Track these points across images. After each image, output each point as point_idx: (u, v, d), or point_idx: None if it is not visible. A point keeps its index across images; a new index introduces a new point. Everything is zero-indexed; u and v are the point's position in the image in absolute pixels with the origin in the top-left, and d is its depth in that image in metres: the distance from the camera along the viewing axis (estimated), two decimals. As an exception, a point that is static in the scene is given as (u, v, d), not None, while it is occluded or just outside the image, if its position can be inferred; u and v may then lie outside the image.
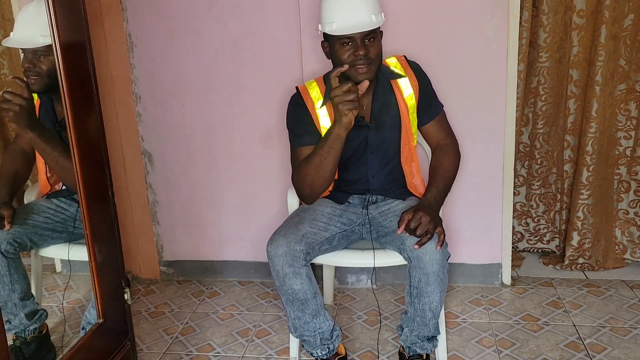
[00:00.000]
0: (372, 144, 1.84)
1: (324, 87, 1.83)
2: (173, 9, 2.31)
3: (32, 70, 1.63)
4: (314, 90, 1.84)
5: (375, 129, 1.82)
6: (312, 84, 1.86)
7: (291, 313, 1.75)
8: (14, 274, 1.73)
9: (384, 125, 1.83)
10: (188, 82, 2.38)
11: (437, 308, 1.70)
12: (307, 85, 1.87)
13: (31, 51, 1.62)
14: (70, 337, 1.99)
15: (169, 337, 2.17)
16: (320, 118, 1.81)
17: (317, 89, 1.84)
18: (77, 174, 1.46)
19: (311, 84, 1.86)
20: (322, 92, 1.83)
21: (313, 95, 1.83)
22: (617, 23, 2.28)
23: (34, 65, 1.62)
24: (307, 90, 1.85)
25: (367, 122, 1.82)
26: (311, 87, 1.85)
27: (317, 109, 1.82)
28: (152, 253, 2.63)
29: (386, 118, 1.82)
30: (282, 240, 1.68)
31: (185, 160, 2.48)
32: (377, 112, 1.82)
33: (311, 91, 1.84)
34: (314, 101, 1.82)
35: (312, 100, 1.83)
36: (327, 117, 1.80)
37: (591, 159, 2.41)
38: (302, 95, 1.84)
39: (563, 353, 1.95)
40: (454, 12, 2.16)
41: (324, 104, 1.81)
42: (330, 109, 1.79)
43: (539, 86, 2.44)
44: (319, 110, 1.81)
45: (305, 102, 1.83)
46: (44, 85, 1.63)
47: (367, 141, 1.84)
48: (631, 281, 2.41)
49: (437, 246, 1.62)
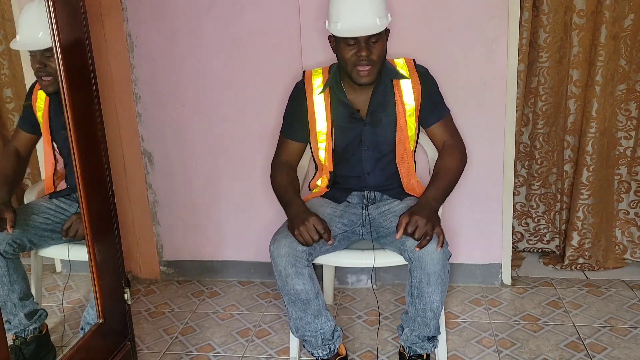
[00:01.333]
0: (366, 140, 1.85)
1: (327, 77, 1.87)
2: (173, 9, 2.31)
3: (44, 70, 1.62)
4: (318, 77, 1.89)
5: (371, 125, 1.84)
6: (317, 71, 1.91)
7: (293, 313, 1.75)
8: (13, 274, 1.73)
9: (379, 123, 1.84)
10: (188, 82, 2.38)
11: (438, 308, 1.70)
12: (313, 72, 1.91)
13: (39, 52, 1.62)
14: (70, 337, 1.99)
15: (169, 337, 2.17)
16: (315, 105, 1.86)
17: (320, 77, 1.88)
18: (77, 174, 1.46)
19: (317, 71, 1.91)
20: (325, 82, 1.87)
21: (315, 82, 1.88)
22: (617, 23, 2.28)
23: (44, 65, 1.62)
24: (311, 76, 1.90)
25: (362, 116, 1.84)
26: (316, 74, 1.90)
27: (314, 96, 1.86)
28: (152, 253, 2.63)
29: (382, 116, 1.84)
30: (284, 241, 1.68)
31: (185, 160, 2.48)
32: (373, 108, 1.84)
33: (314, 78, 1.89)
34: (313, 88, 1.87)
35: (312, 87, 1.87)
36: (322, 105, 1.85)
37: (591, 159, 2.41)
38: (305, 80, 1.90)
39: (563, 353, 1.95)
40: (454, 12, 2.16)
41: (322, 92, 1.85)
42: (327, 97, 1.85)
43: (539, 86, 2.44)
44: (316, 97, 1.86)
45: (306, 87, 1.88)
46: (57, 84, 1.63)
47: (362, 137, 1.85)
48: (631, 281, 2.41)
49: (438, 247, 1.62)
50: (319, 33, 2.20)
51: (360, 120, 1.84)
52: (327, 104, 1.85)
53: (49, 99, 1.74)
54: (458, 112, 2.22)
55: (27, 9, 1.62)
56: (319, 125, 1.86)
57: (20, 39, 1.66)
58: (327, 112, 1.85)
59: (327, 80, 1.85)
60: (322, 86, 1.86)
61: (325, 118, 1.85)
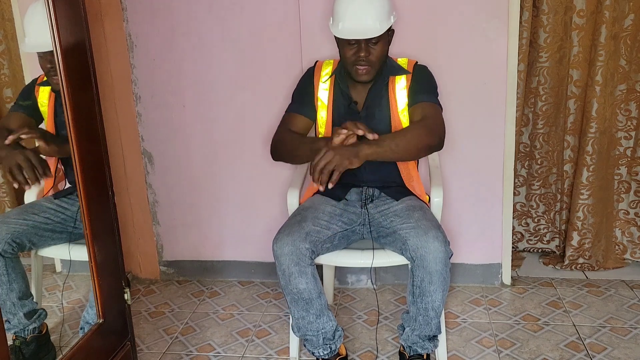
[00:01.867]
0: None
1: (335, 67, 1.93)
2: (173, 9, 2.31)
3: (55, 70, 1.62)
4: (328, 67, 1.95)
5: (366, 118, 1.86)
6: (329, 62, 1.97)
7: (295, 312, 1.76)
8: (11, 273, 1.73)
9: (374, 117, 1.87)
10: (188, 82, 2.38)
11: (439, 307, 1.70)
12: (325, 63, 1.97)
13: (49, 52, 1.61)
14: (70, 337, 1.99)
15: (169, 337, 2.17)
16: (320, 91, 1.91)
17: (330, 67, 1.94)
18: (77, 174, 1.46)
19: (328, 62, 1.97)
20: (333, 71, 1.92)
21: (324, 71, 1.94)
22: (618, 23, 2.28)
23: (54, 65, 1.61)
24: (322, 66, 1.96)
25: (358, 109, 1.87)
26: (327, 64, 1.96)
27: (321, 82, 1.92)
28: (152, 253, 2.63)
29: (377, 111, 1.87)
30: (287, 239, 1.68)
31: (185, 160, 2.48)
32: (369, 103, 1.87)
33: (324, 68, 1.95)
34: (321, 75, 1.93)
35: (320, 74, 1.93)
36: (325, 92, 1.91)
37: (591, 159, 2.41)
38: (316, 68, 1.96)
39: (563, 353, 1.95)
40: (454, 13, 2.16)
41: (328, 79, 1.91)
42: (331, 85, 1.91)
43: (539, 86, 2.44)
44: (322, 83, 1.91)
45: (315, 73, 1.95)
46: None
47: None
48: (631, 281, 2.41)
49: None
50: (319, 33, 2.20)
51: (356, 112, 1.87)
52: (330, 91, 1.90)
53: (54, 94, 1.73)
54: (458, 112, 2.23)
55: (32, 10, 1.61)
56: (321, 110, 1.90)
57: (29, 41, 1.65)
58: (330, 99, 1.90)
59: (334, 70, 1.91)
60: (329, 74, 1.92)
61: (327, 105, 1.89)
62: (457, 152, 2.27)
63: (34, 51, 1.69)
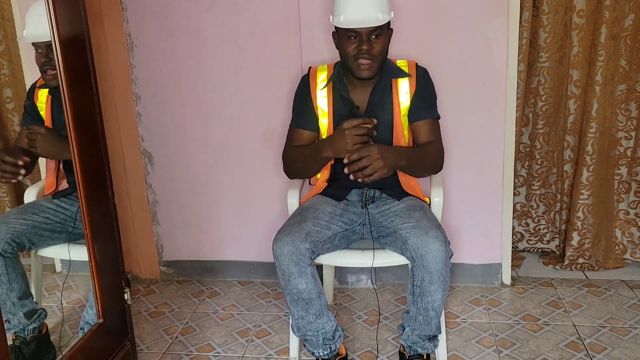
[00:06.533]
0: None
1: (331, 72, 1.91)
2: (173, 9, 2.31)
3: (49, 64, 1.61)
4: (322, 73, 1.92)
5: None
6: (322, 67, 1.94)
7: (295, 313, 1.76)
8: (11, 273, 1.73)
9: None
10: (188, 82, 2.38)
11: (439, 307, 1.70)
12: (319, 68, 1.95)
13: (45, 46, 1.61)
14: (70, 337, 1.99)
15: (169, 337, 2.17)
16: (318, 99, 1.89)
17: (325, 72, 1.92)
18: (77, 174, 1.46)
19: (322, 68, 1.94)
20: (329, 77, 1.90)
21: (319, 77, 1.91)
22: (618, 23, 2.28)
23: (50, 59, 1.60)
24: (316, 72, 1.93)
25: (361, 112, 1.86)
26: (321, 70, 1.93)
27: (318, 90, 1.89)
28: (152, 253, 2.63)
29: (380, 114, 1.86)
30: (287, 239, 1.68)
31: (185, 160, 2.48)
32: (372, 106, 1.86)
33: (319, 74, 1.92)
34: (317, 83, 1.91)
35: (316, 82, 1.91)
36: (324, 99, 1.89)
37: (591, 159, 2.41)
38: (310, 75, 1.94)
39: (563, 353, 1.95)
40: (454, 13, 2.16)
41: (325, 86, 1.89)
42: (329, 92, 1.88)
43: (539, 86, 2.44)
44: (320, 91, 1.89)
45: (310, 81, 1.92)
46: None
47: None
48: (631, 281, 2.41)
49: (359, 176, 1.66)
50: (319, 33, 2.20)
51: (358, 116, 1.85)
52: (329, 98, 1.88)
53: (50, 97, 1.74)
54: (458, 113, 2.23)
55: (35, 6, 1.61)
56: (322, 118, 1.89)
57: (27, 32, 1.65)
58: (329, 106, 1.88)
59: (331, 75, 1.89)
60: (325, 81, 1.89)
61: (327, 112, 1.88)
62: (457, 152, 2.27)
63: (32, 41, 1.68)
